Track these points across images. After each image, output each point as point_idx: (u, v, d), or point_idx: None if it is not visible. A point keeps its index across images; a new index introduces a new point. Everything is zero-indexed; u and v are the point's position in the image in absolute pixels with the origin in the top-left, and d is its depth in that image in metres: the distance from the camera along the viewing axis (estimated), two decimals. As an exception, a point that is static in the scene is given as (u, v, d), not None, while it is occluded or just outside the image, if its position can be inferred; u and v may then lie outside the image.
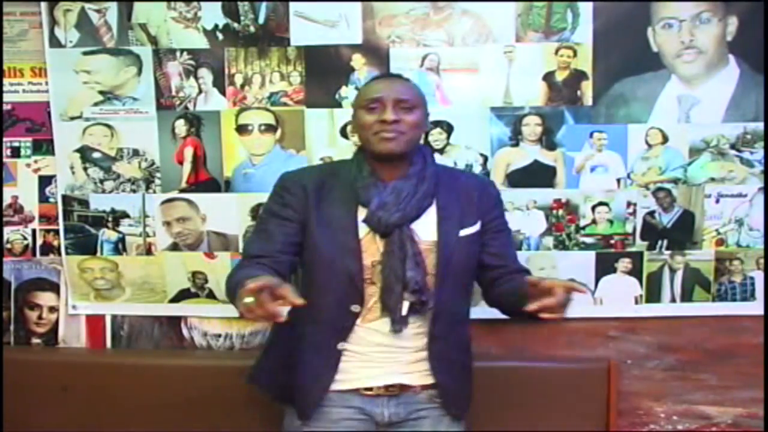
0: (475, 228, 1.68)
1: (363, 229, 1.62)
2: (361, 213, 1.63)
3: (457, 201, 1.69)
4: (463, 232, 1.66)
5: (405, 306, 1.60)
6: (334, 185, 1.68)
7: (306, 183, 1.68)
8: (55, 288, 2.31)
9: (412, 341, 1.65)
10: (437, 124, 2.04)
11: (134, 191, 2.21)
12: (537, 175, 2.09)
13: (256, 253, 1.67)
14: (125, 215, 2.23)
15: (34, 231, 2.29)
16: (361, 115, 1.63)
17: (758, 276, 2.09)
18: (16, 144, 2.22)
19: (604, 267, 2.13)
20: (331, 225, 1.63)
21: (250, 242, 1.77)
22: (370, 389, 1.66)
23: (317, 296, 1.65)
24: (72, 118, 2.19)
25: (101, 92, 2.18)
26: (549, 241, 2.07)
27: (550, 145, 2.09)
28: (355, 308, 1.62)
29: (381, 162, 1.62)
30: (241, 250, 2.17)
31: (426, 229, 1.64)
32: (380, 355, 1.66)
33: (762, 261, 2.09)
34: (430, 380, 1.68)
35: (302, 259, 1.66)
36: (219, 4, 2.12)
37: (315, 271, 1.68)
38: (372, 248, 1.62)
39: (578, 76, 2.07)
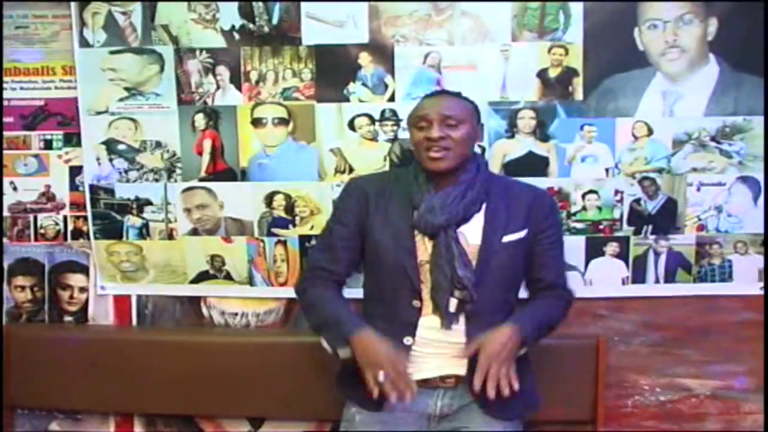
0: (521, 234, 1.68)
1: (416, 232, 1.67)
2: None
3: (505, 208, 1.70)
4: (507, 238, 1.67)
5: (453, 303, 1.63)
6: (395, 190, 1.73)
7: (368, 189, 1.75)
8: (84, 270, 2.38)
9: (464, 337, 1.66)
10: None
11: (157, 180, 2.27)
12: (531, 165, 2.12)
13: (321, 266, 1.76)
14: (148, 203, 2.28)
15: (65, 217, 2.36)
16: (413, 133, 1.68)
17: (735, 259, 2.14)
18: (49, 137, 2.29)
19: (594, 250, 2.18)
20: (390, 225, 1.69)
21: (316, 251, 1.86)
22: (427, 381, 1.67)
23: (381, 293, 1.72)
24: (99, 113, 2.25)
25: (126, 88, 2.23)
26: (543, 226, 2.14)
27: (544, 137, 2.14)
28: (416, 303, 1.66)
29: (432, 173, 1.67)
30: (257, 235, 2.24)
31: (473, 233, 1.66)
32: (434, 350, 1.67)
33: (740, 245, 2.12)
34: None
35: (365, 256, 1.73)
36: (236, 5, 2.17)
37: (376, 268, 1.73)
38: (421, 248, 1.66)
39: (570, 73, 2.11)
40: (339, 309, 1.66)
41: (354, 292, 1.89)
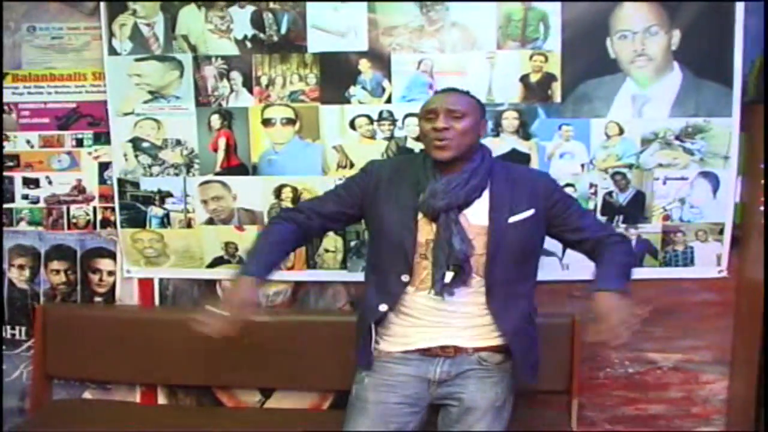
0: (527, 214, 1.74)
1: (419, 214, 1.74)
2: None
3: (509, 191, 1.76)
4: (513, 219, 1.73)
5: (448, 276, 1.69)
6: (406, 174, 1.80)
7: (383, 171, 1.83)
8: (112, 255, 2.47)
9: (462, 308, 1.74)
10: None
11: (177, 175, 2.36)
12: (515, 161, 2.19)
13: (300, 207, 1.88)
14: (169, 195, 2.38)
15: (95, 208, 2.45)
16: (422, 125, 1.76)
17: (697, 246, 2.25)
18: (80, 136, 2.39)
19: None
20: (396, 205, 1.76)
21: (307, 199, 1.95)
22: (429, 350, 1.75)
23: (378, 263, 1.81)
24: (125, 114, 2.34)
25: (150, 92, 2.32)
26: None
27: (526, 136, 2.24)
28: (404, 278, 1.74)
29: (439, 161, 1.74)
30: (266, 224, 2.28)
31: (477, 215, 1.73)
32: (434, 320, 1.75)
33: (701, 233, 2.24)
34: (481, 344, 1.76)
35: (369, 229, 1.84)
36: (248, 17, 2.24)
37: (377, 241, 1.82)
38: (427, 229, 1.73)
39: (549, 78, 2.21)
40: (262, 247, 1.76)
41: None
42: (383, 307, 1.77)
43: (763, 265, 2.09)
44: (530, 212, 1.74)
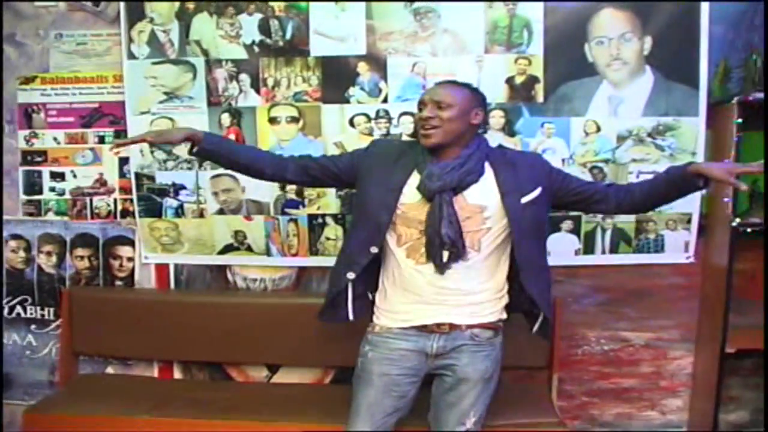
0: (536, 193, 1.81)
1: (415, 194, 1.78)
2: (414, 181, 1.79)
3: (513, 175, 1.81)
4: (525, 199, 1.79)
5: (445, 254, 1.76)
6: (403, 156, 1.85)
7: (383, 150, 1.89)
8: (131, 243, 2.56)
9: (458, 284, 1.80)
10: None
11: (190, 169, 2.44)
12: None
13: (294, 155, 1.97)
14: (183, 187, 2.46)
15: (115, 200, 2.55)
16: (417, 115, 1.85)
17: (667, 234, 2.36)
18: (102, 133, 2.49)
19: (552, 227, 2.33)
20: (384, 184, 1.81)
21: None
22: (425, 326, 1.83)
23: (355, 234, 1.88)
24: (142, 113, 2.42)
25: (165, 93, 2.41)
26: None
27: (511, 133, 2.34)
28: (373, 249, 1.82)
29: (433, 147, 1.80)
30: (272, 214, 2.42)
31: (475, 196, 1.78)
32: (431, 296, 1.81)
33: (671, 222, 2.34)
34: (473, 321, 1.83)
35: (355, 202, 1.91)
36: (256, 23, 2.34)
37: (357, 214, 1.92)
38: (420, 209, 1.78)
39: (532, 80, 2.31)
40: (234, 143, 2.07)
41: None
42: (350, 275, 1.86)
43: (727, 252, 2.21)
44: (538, 191, 1.81)
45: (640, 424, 2.56)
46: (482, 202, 1.79)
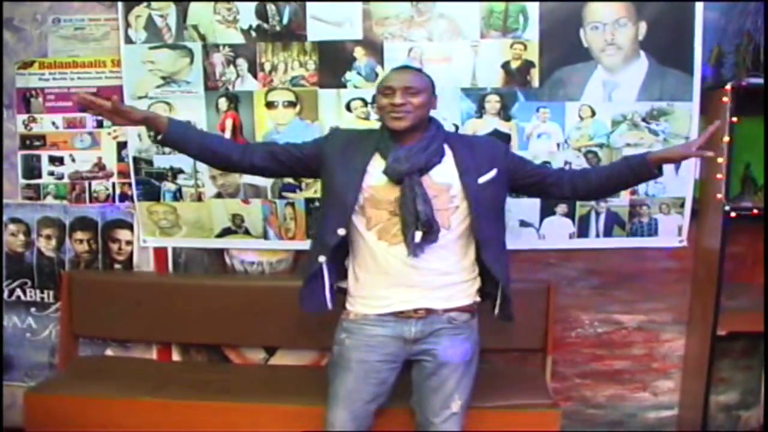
0: (492, 174, 1.84)
1: (381, 177, 1.79)
2: (377, 164, 1.81)
3: (471, 156, 1.84)
4: (482, 179, 1.82)
5: (418, 235, 1.76)
6: (364, 142, 1.87)
7: (344, 138, 1.92)
8: (130, 227, 2.58)
9: (435, 264, 1.81)
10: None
11: None
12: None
13: (258, 142, 2.10)
14: (181, 171, 2.48)
15: (114, 184, 2.57)
16: (379, 99, 1.83)
17: (660, 218, 2.38)
18: (100, 118, 2.41)
19: (547, 210, 2.41)
20: (349, 167, 1.82)
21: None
22: (402, 312, 1.84)
23: (323, 219, 1.90)
24: (140, 97, 2.42)
25: (162, 77, 2.41)
26: (504, 191, 2.26)
27: (507, 118, 2.35)
28: (341, 231, 1.83)
29: (397, 132, 1.81)
30: (270, 198, 2.44)
31: (441, 175, 1.81)
32: (408, 278, 1.82)
33: (664, 206, 2.36)
34: (449, 305, 1.85)
35: (322, 187, 1.90)
36: (253, 8, 2.34)
37: (325, 198, 1.91)
38: (389, 191, 1.79)
39: (528, 65, 2.32)
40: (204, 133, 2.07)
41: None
42: (321, 258, 1.87)
43: (719, 236, 2.24)
44: (494, 172, 1.84)
45: (632, 405, 2.59)
46: (447, 180, 1.83)
